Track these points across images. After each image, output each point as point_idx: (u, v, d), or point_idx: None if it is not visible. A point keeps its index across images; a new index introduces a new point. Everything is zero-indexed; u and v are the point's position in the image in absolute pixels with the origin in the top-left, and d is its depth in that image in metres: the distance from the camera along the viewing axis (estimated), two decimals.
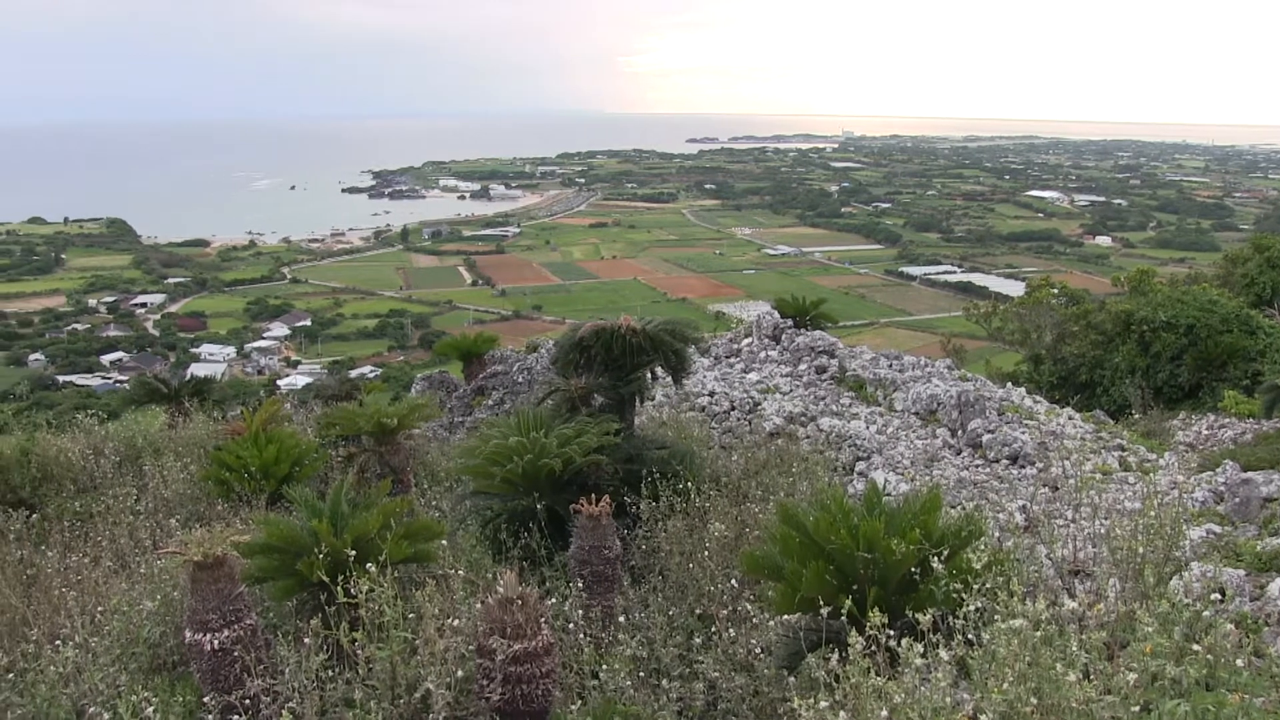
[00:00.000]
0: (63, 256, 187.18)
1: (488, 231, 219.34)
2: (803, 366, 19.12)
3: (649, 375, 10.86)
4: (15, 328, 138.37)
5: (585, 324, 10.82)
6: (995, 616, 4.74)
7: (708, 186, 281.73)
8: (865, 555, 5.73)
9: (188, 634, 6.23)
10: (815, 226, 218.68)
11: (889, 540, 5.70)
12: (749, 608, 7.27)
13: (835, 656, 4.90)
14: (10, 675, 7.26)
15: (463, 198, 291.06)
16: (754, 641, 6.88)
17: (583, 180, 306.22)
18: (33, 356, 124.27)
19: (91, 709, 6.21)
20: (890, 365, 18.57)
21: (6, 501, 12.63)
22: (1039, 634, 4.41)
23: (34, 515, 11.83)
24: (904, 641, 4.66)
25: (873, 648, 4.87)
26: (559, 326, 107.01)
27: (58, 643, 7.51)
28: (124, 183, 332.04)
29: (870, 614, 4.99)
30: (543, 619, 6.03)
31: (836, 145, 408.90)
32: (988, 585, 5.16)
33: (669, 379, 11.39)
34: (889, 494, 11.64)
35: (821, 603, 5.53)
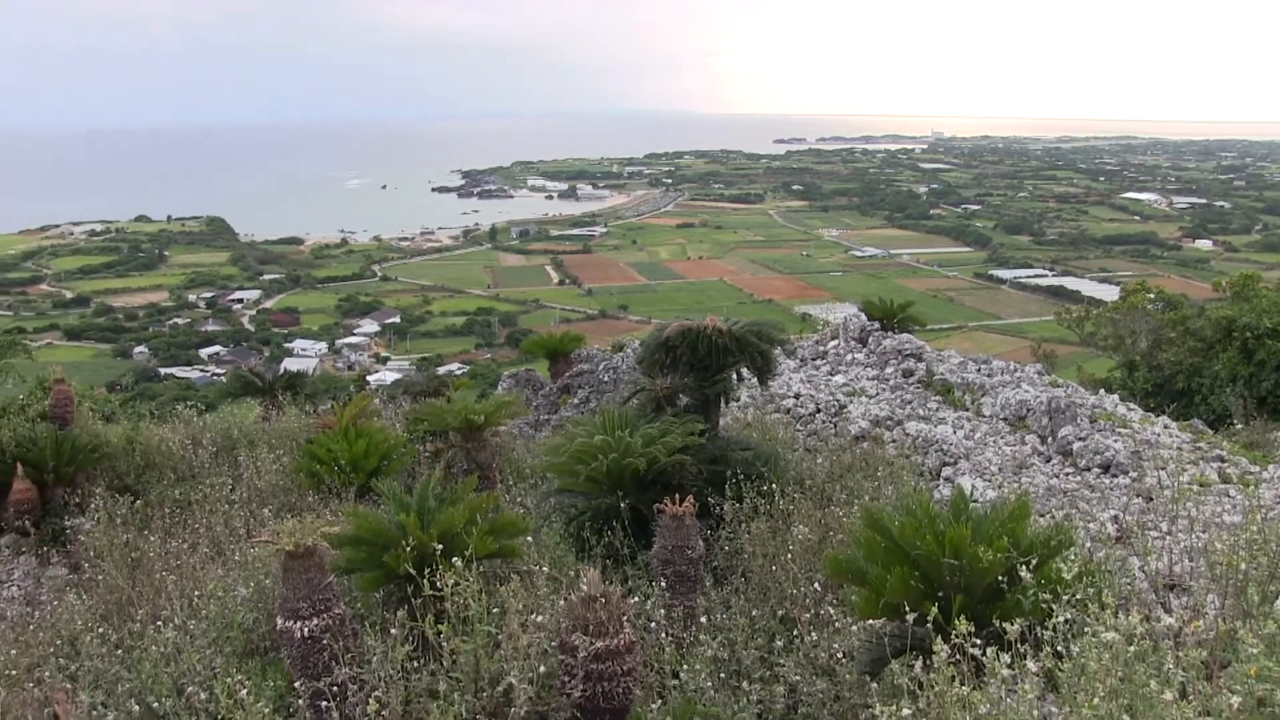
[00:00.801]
0: (166, 253, 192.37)
1: (575, 231, 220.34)
2: (889, 369, 18.93)
3: (734, 376, 10.84)
4: (122, 321, 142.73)
5: (671, 324, 10.82)
6: (1085, 629, 4.65)
7: (795, 187, 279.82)
8: (951, 562, 5.67)
9: (279, 621, 6.36)
10: (903, 228, 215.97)
11: (975, 547, 5.62)
12: (832, 612, 7.23)
13: (919, 663, 4.85)
14: (119, 651, 7.54)
15: (550, 197, 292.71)
16: (836, 646, 6.84)
17: (670, 180, 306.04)
18: (137, 349, 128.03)
19: (190, 688, 6.39)
20: (979, 369, 18.29)
21: (113, 487, 13.05)
22: (1132, 649, 4.31)
23: (138, 501, 12.20)
24: (990, 651, 4.60)
25: (958, 656, 4.81)
26: (645, 326, 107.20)
27: (159, 623, 7.77)
28: (223, 183, 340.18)
29: (955, 621, 4.93)
30: (625, 617, 6.05)
31: (925, 146, 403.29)
32: (1078, 596, 5.06)
33: (754, 380, 11.35)
34: (976, 500, 11.46)
35: (906, 609, 5.48)
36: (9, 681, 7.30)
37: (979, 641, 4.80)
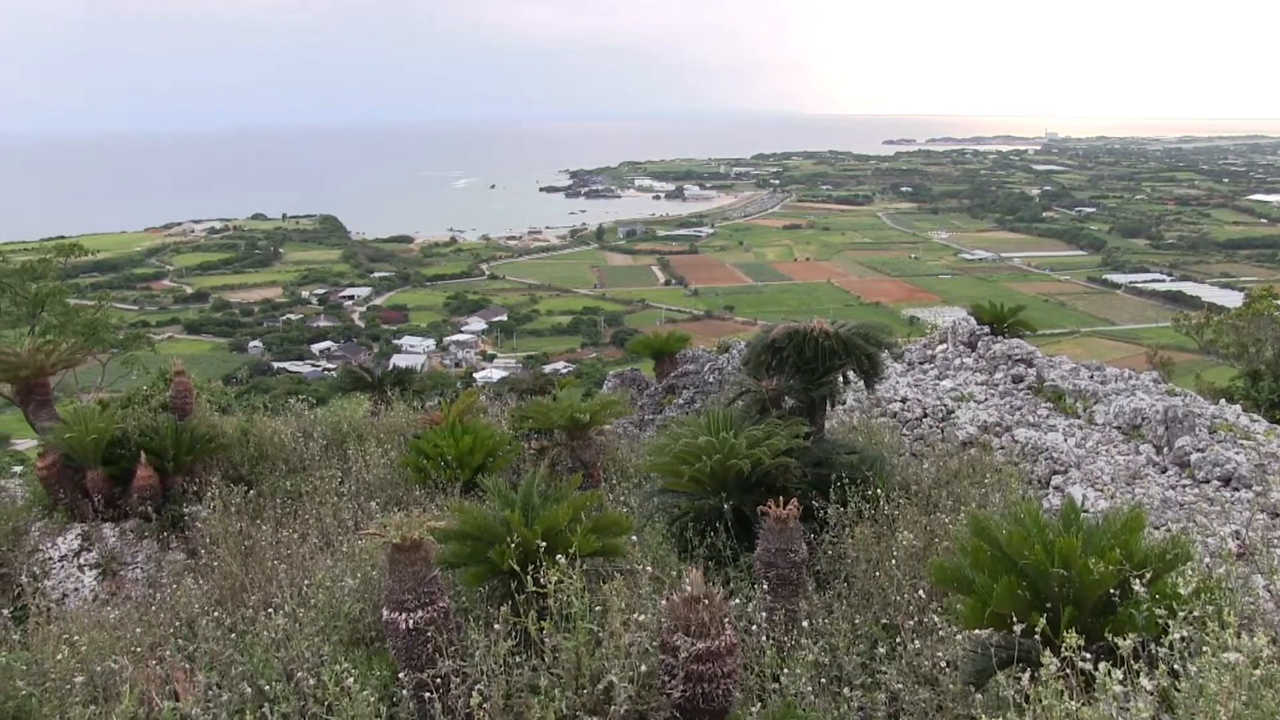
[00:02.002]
0: (280, 251, 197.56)
1: (681, 231, 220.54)
2: (998, 375, 18.57)
3: (841, 379, 10.74)
4: (238, 316, 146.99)
5: (777, 325, 10.77)
6: (1204, 648, 4.50)
7: (904, 189, 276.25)
8: (1060, 573, 5.54)
9: (385, 612, 6.47)
10: (1014, 231, 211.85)
11: (1086, 559, 5.49)
12: (936, 620, 7.12)
13: (1026, 676, 4.76)
14: (233, 635, 7.78)
15: (657, 198, 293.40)
16: (940, 654, 6.73)
17: (777, 181, 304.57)
18: (252, 343, 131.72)
19: (299, 674, 6.55)
20: (1091, 376, 17.84)
21: (228, 477, 13.44)
22: (1258, 672, 4.16)
23: (251, 491, 12.54)
24: (1101, 666, 4.48)
25: (1066, 670, 4.70)
26: (751, 327, 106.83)
27: (270, 610, 8.00)
28: (336, 182, 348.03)
29: (1064, 634, 4.83)
30: (726, 619, 6.04)
31: (1039, 147, 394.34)
32: (1195, 614, 4.91)
33: (861, 383, 11.23)
34: (1087, 511, 11.20)
35: (1013, 619, 5.37)
36: (134, 658, 7.58)
37: (1089, 656, 4.69)
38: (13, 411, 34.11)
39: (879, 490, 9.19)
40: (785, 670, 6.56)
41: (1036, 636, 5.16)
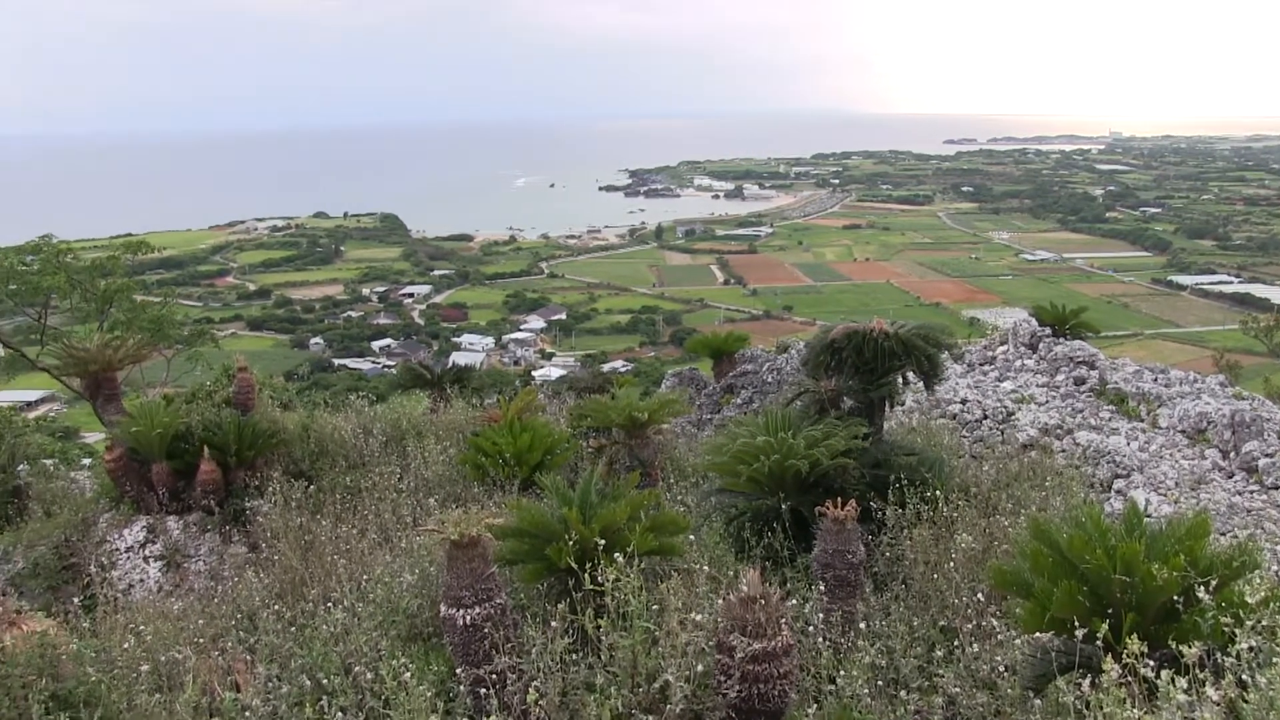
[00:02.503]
0: (341, 248, 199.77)
1: (740, 231, 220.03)
2: (1060, 377, 18.33)
3: (900, 380, 10.66)
4: (299, 313, 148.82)
5: (836, 326, 10.71)
6: (1275, 659, 4.41)
7: (964, 189, 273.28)
8: (1122, 579, 5.45)
9: (442, 608, 6.52)
10: (1077, 231, 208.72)
11: (1149, 564, 5.39)
12: (994, 623, 7.05)
13: (1087, 682, 4.69)
14: (292, 628, 7.89)
15: (716, 197, 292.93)
16: (999, 659, 6.67)
17: (837, 181, 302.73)
18: (313, 340, 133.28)
19: (357, 668, 6.62)
20: (1155, 379, 17.55)
21: (289, 472, 13.61)
22: None
23: (311, 486, 12.69)
24: (1164, 674, 4.41)
25: (1129, 677, 4.63)
26: (809, 327, 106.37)
27: (330, 604, 8.10)
28: (396, 181, 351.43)
29: (1126, 641, 4.75)
30: (783, 620, 6.02)
31: (1103, 147, 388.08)
32: (1264, 623, 4.81)
33: (920, 384, 11.14)
34: (1150, 515, 11.02)
35: (1075, 624, 5.30)
36: (197, 648, 7.71)
37: (1152, 663, 4.61)
38: (82, 405, 34.78)
39: (938, 492, 9.12)
40: (842, 672, 6.53)
41: (1098, 642, 5.09)
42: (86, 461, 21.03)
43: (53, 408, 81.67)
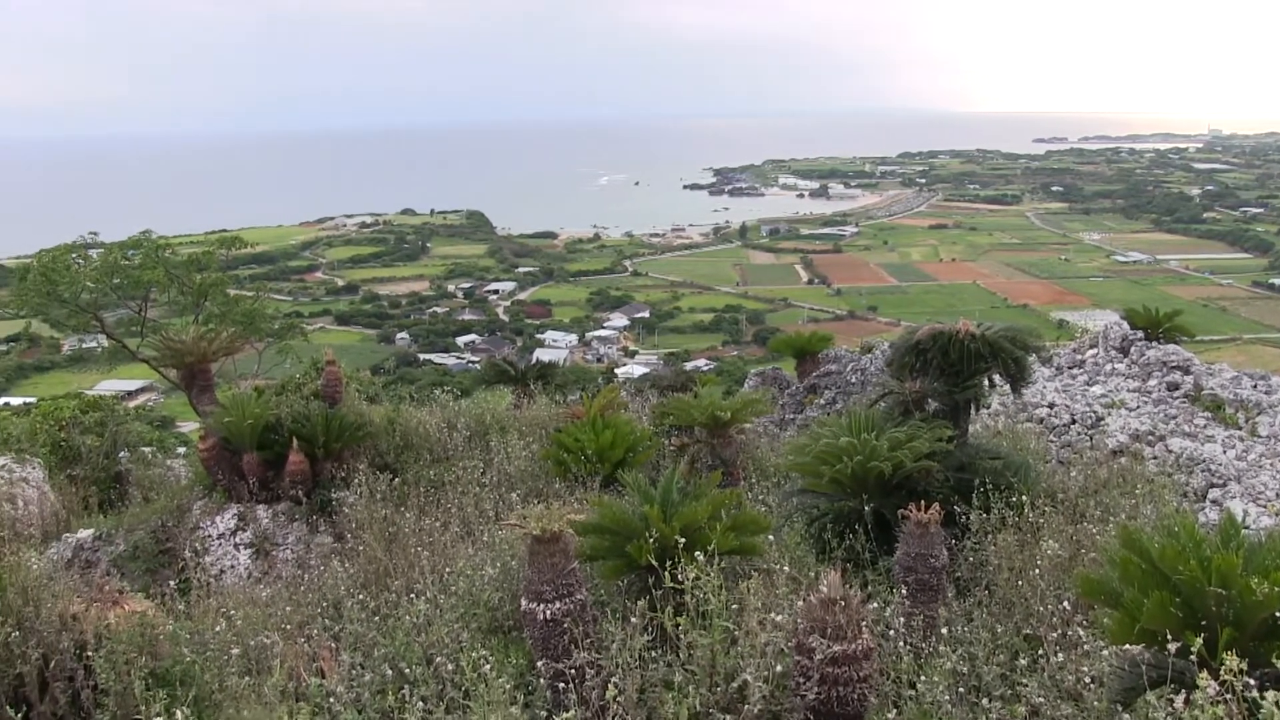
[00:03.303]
0: (428, 245, 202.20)
1: (825, 230, 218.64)
2: (1152, 382, 17.92)
3: (986, 383, 10.51)
4: (386, 308, 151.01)
5: (922, 327, 10.60)
6: None
7: (1054, 188, 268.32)
8: (1218, 592, 5.30)
9: (523, 602, 6.58)
10: (1172, 232, 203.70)
11: (1248, 578, 5.23)
12: (1081, 633, 6.91)
13: (1181, 698, 4.58)
14: (376, 618, 8.02)
15: (801, 196, 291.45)
16: (1085, 669, 6.54)
17: (923, 180, 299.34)
18: (399, 335, 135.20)
19: (438, 658, 6.70)
20: (1255, 386, 17.07)
21: (375, 464, 13.81)
22: None
23: (396, 479, 12.88)
24: (1269, 694, 4.29)
25: (1226, 695, 4.51)
26: (894, 328, 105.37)
27: (412, 595, 8.22)
28: (482, 179, 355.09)
29: (1223, 656, 4.63)
30: (863, 622, 5.97)
31: (1200, 145, 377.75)
32: None
33: (1006, 387, 10.97)
34: (1248, 527, 10.74)
35: (1167, 637, 5.17)
36: (284, 634, 7.88)
37: (1252, 681, 4.48)
38: (178, 395, 35.67)
39: (1023, 497, 8.98)
40: (922, 677, 6.45)
41: (1191, 658, 4.96)
42: (181, 450, 21.56)
43: (151, 397, 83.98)
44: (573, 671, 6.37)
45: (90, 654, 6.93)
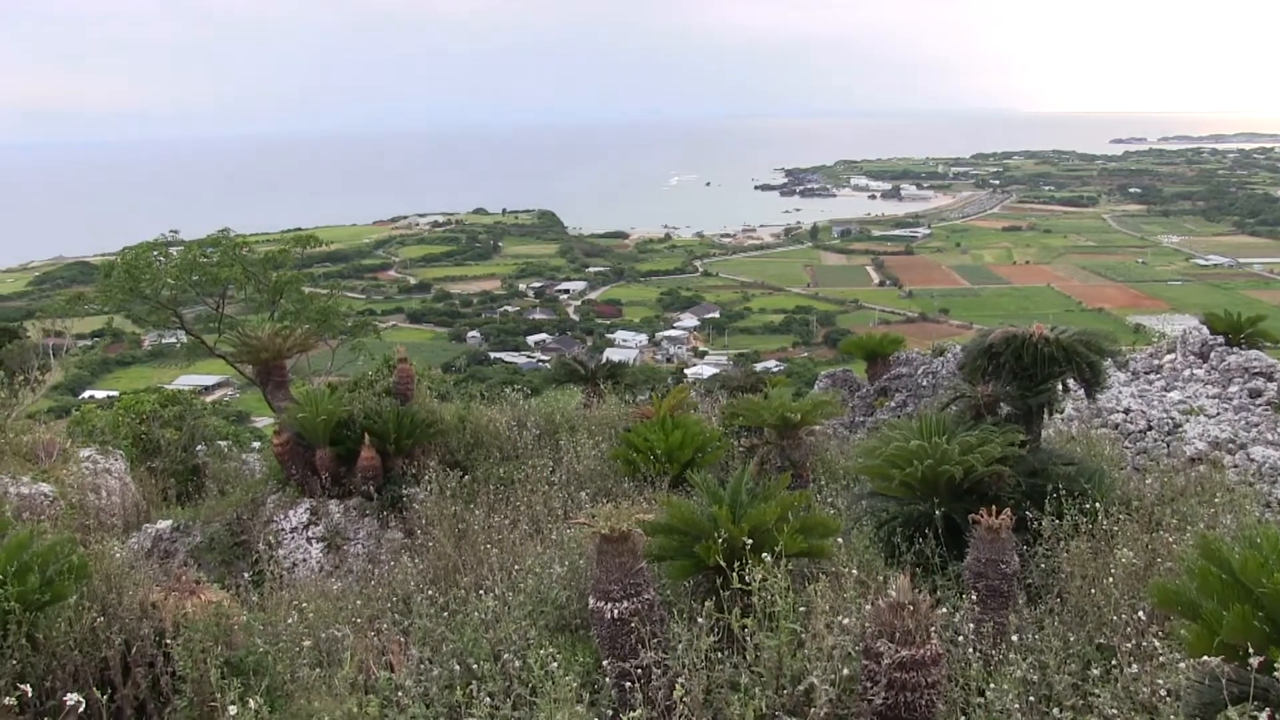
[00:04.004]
0: (499, 244, 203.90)
1: (897, 232, 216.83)
2: (1233, 389, 17.53)
3: (1060, 387, 10.36)
4: (458, 307, 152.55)
5: (995, 330, 10.47)
6: None
7: (1132, 190, 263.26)
8: None
9: (591, 601, 6.60)
10: (1255, 235, 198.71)
11: None
12: (1157, 645, 6.78)
13: (1264, 715, 4.48)
14: (445, 613, 8.10)
15: (873, 197, 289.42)
16: (1160, 682, 6.41)
17: (997, 182, 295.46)
18: (470, 333, 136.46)
19: (506, 655, 6.75)
20: None
21: (445, 462, 13.95)
22: None
23: (466, 476, 12.99)
24: None
25: None
26: (966, 331, 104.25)
27: (481, 592, 8.30)
28: (553, 179, 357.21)
29: None
30: (932, 628, 5.91)
31: None
32: None
33: (1081, 392, 10.80)
34: None
35: (1249, 651, 5.05)
36: (355, 628, 8.00)
37: None
38: (253, 391, 36.31)
39: (1097, 504, 8.83)
40: (992, 685, 6.37)
41: (1276, 674, 4.84)
42: (256, 445, 21.94)
43: (227, 392, 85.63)
44: (639, 671, 6.38)
45: (169, 641, 7.12)
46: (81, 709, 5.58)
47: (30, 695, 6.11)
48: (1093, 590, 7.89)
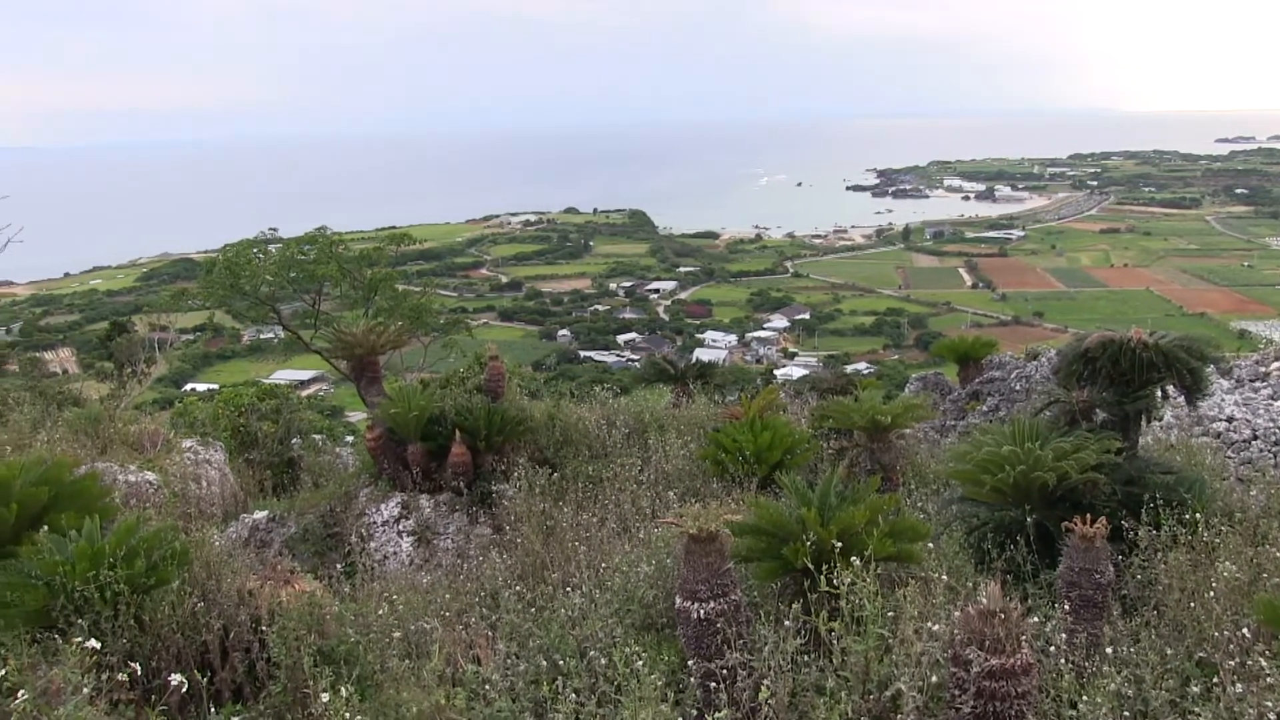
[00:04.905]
0: (590, 244, 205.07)
1: (991, 233, 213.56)
2: None
3: (1159, 394, 10.12)
4: (548, 305, 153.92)
5: (1091, 334, 10.26)
6: None
7: (1238, 191, 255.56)
8: None
9: (677, 600, 6.62)
10: None
11: None
12: (1263, 664, 6.59)
13: None
14: (532, 609, 8.18)
15: (966, 198, 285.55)
16: (1268, 703, 6.22)
17: (1094, 183, 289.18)
18: (561, 332, 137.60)
19: (592, 652, 6.80)
20: None
21: (534, 459, 14.06)
22: None
23: (555, 473, 13.08)
24: None
25: None
26: (1061, 335, 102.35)
27: (568, 589, 8.36)
28: (645, 178, 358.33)
29: None
30: (1023, 637, 5.82)
31: None
32: None
33: (1181, 399, 10.54)
34: None
35: None
36: (443, 621, 8.11)
37: None
38: (347, 386, 36.96)
39: (1197, 515, 8.60)
40: (1084, 698, 6.25)
41: None
42: (349, 439, 22.35)
43: (322, 387, 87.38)
44: (724, 672, 6.38)
45: (264, 628, 7.33)
46: (184, 689, 5.77)
47: (139, 673, 6.34)
48: (1192, 604, 7.69)
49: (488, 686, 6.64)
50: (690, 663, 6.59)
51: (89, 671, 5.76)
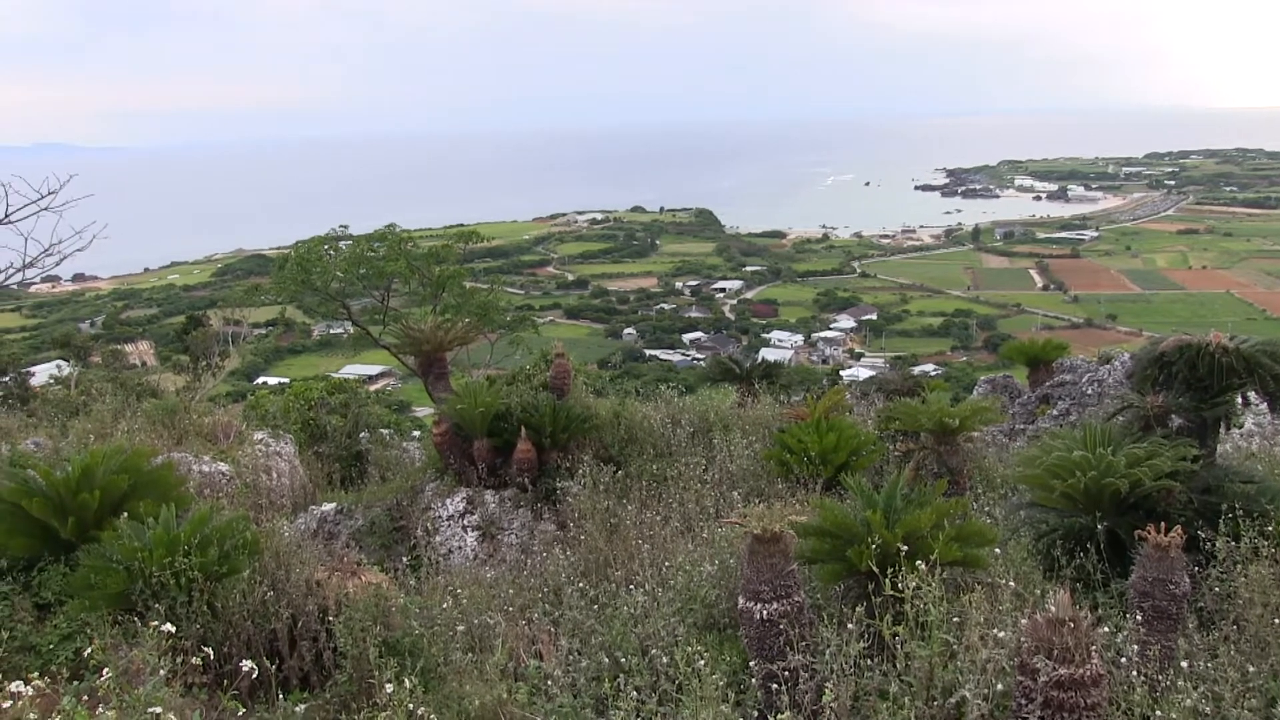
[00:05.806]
0: (657, 242, 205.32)
1: (1063, 234, 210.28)
2: None
3: (1239, 400, 9.88)
4: (614, 304, 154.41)
5: (1168, 338, 10.05)
6: None
7: None
8: None
9: (740, 601, 6.59)
10: None
11: None
12: None
13: None
14: (595, 606, 8.20)
15: (1038, 198, 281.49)
16: None
17: (1172, 182, 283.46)
18: (626, 330, 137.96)
19: (654, 650, 6.79)
20: None
21: (599, 456, 14.09)
22: None
23: (619, 471, 13.10)
24: None
25: None
26: (1135, 338, 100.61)
27: (631, 587, 8.37)
28: (711, 177, 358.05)
29: None
30: (1093, 647, 5.70)
31: None
32: None
33: (1263, 407, 10.29)
34: None
35: None
36: (507, 616, 8.17)
37: None
38: (414, 381, 37.31)
39: None
40: (1158, 712, 6.11)
41: None
42: (416, 434, 22.56)
43: (389, 383, 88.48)
44: (786, 673, 6.34)
45: (331, 619, 7.44)
46: (254, 675, 5.88)
47: (211, 658, 6.49)
48: (1275, 620, 7.48)
49: (549, 682, 6.66)
50: (752, 663, 6.56)
51: (165, 654, 5.88)
